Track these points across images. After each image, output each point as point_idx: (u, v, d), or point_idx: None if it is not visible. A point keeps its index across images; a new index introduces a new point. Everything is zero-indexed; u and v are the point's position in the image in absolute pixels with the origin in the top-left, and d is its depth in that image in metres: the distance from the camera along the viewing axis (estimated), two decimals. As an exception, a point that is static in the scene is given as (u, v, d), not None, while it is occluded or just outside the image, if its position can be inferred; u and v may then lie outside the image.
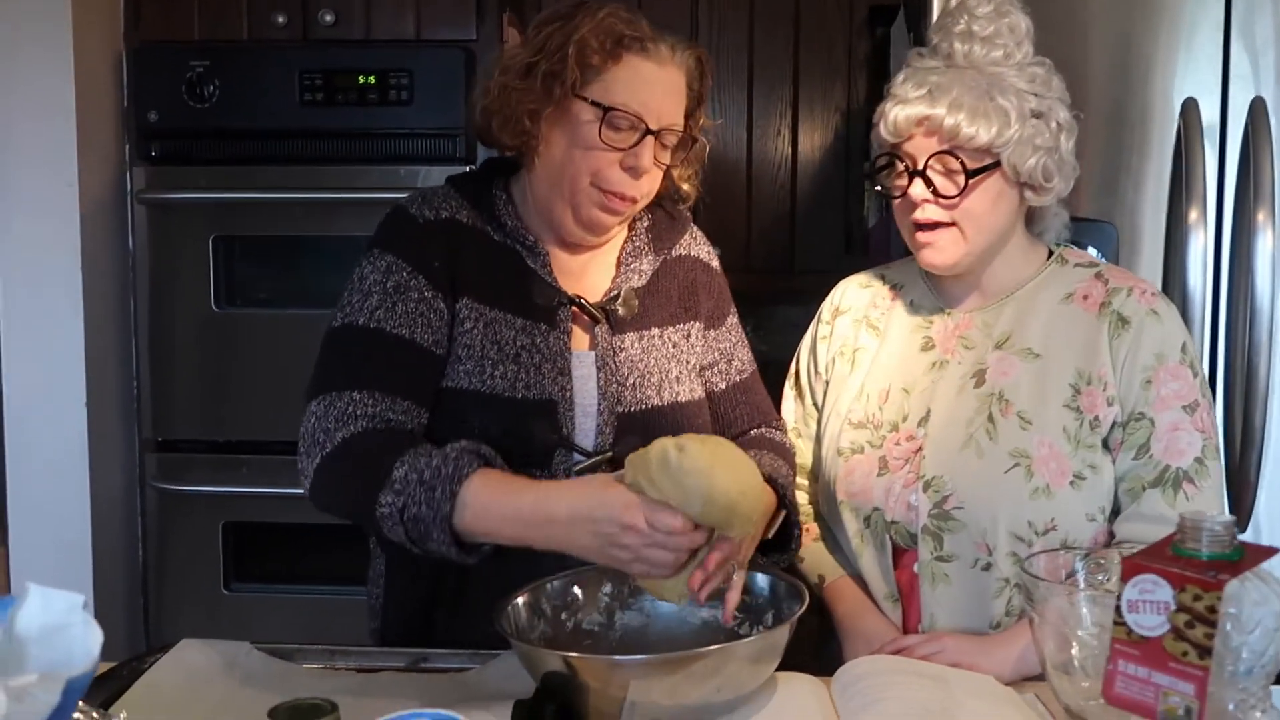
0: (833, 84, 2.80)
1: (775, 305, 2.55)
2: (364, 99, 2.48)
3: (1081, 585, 1.24)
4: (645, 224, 1.57)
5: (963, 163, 1.44)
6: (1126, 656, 0.90)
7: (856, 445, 1.57)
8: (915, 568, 1.51)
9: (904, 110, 1.46)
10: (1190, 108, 2.15)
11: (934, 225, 1.47)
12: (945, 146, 1.44)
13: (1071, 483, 1.44)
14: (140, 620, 2.67)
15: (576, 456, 1.43)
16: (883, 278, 1.68)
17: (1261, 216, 2.12)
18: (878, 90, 2.89)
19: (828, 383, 1.65)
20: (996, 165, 1.45)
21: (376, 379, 1.38)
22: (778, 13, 2.80)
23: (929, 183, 1.45)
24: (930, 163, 1.45)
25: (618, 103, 1.39)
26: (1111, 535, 1.49)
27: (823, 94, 2.81)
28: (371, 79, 2.46)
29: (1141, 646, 0.89)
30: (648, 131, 1.40)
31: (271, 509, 2.58)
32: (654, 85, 1.41)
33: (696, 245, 1.63)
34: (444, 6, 2.51)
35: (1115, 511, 1.49)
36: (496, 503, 1.27)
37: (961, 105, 1.43)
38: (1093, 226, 2.18)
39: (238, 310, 2.60)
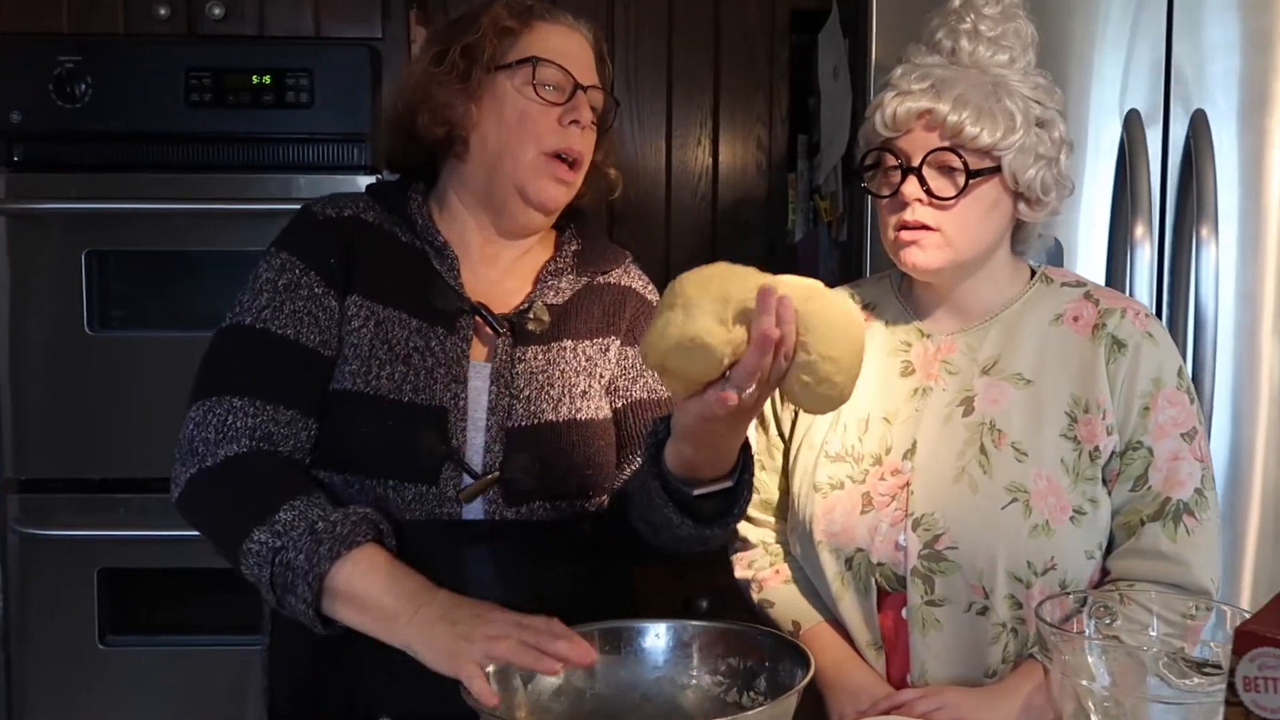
0: (754, 92, 2.71)
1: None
2: (258, 100, 2.29)
3: (1090, 632, 1.15)
4: (574, 247, 1.49)
5: (965, 162, 1.34)
6: (1246, 741, 0.78)
7: (835, 480, 1.45)
8: (903, 613, 1.40)
9: (905, 102, 1.36)
10: (1133, 120, 2.11)
11: (920, 227, 1.37)
12: (946, 143, 1.35)
13: (1072, 518, 1.35)
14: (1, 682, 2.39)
15: (466, 478, 1.33)
16: (852, 296, 1.56)
17: (1205, 231, 2.09)
18: (800, 98, 2.83)
19: (797, 411, 1.52)
20: (997, 170, 1.36)
21: (258, 384, 1.34)
22: (697, 19, 2.69)
23: (923, 181, 1.35)
24: (928, 160, 1.35)
25: (542, 54, 1.39)
26: (1104, 572, 1.40)
27: (744, 102, 2.71)
28: (267, 79, 2.27)
29: (1264, 730, 0.77)
30: (577, 86, 1.40)
31: (153, 554, 2.35)
32: (571, 43, 1.43)
33: (630, 277, 1.55)
34: (346, 2, 2.35)
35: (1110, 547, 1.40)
36: (369, 579, 1.22)
37: (967, 102, 1.34)
38: (1038, 241, 2.12)
39: (114, 333, 2.36)
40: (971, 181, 1.35)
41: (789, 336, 1.07)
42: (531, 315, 1.41)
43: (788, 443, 1.53)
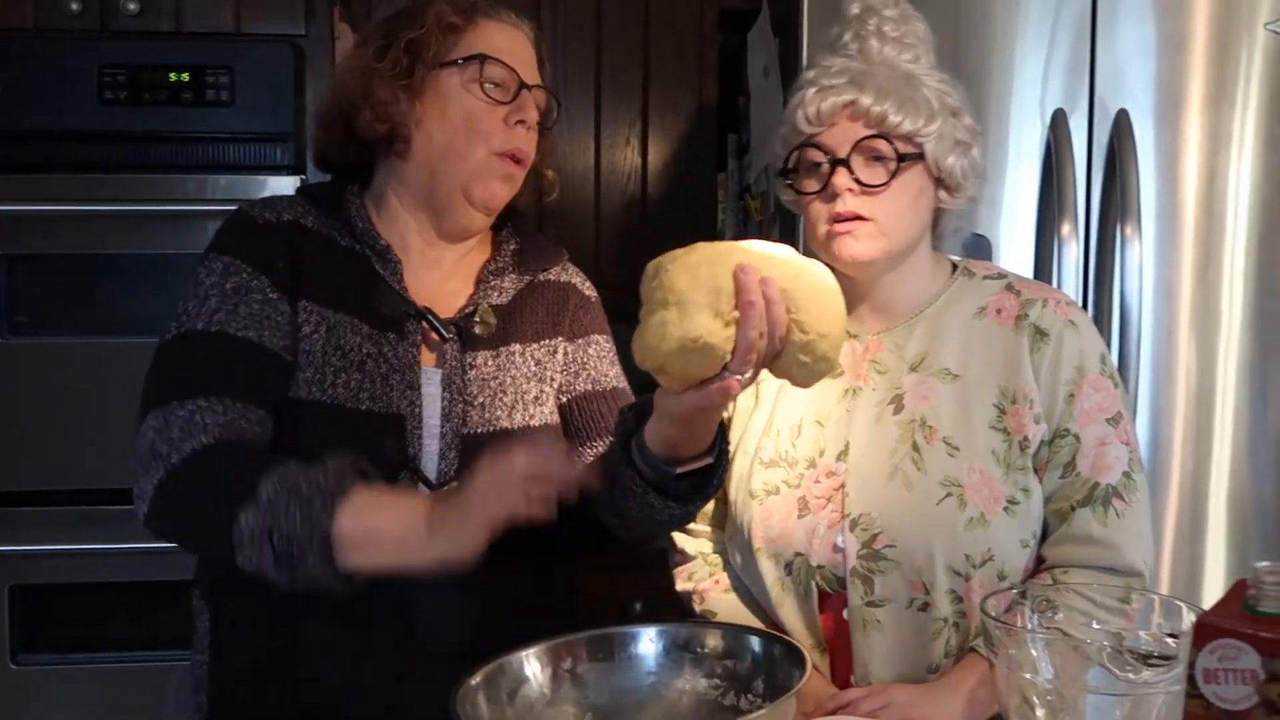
0: (683, 91, 2.70)
1: (626, 322, 2.41)
2: (176, 98, 2.22)
3: (1034, 626, 1.16)
4: (512, 246, 1.47)
5: (895, 148, 1.37)
6: (1207, 734, 0.79)
7: (771, 486, 1.44)
8: (844, 614, 1.40)
9: (828, 97, 1.38)
10: (1059, 119, 2.15)
11: (854, 218, 1.37)
12: (873, 131, 1.37)
13: (1006, 509, 1.37)
14: (-95, 707, 2.30)
15: (421, 487, 1.30)
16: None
17: (1129, 229, 2.13)
18: (730, 97, 2.83)
19: (729, 418, 1.52)
20: (921, 156, 1.39)
21: (223, 384, 1.26)
22: (626, 18, 2.67)
23: (852, 172, 1.37)
24: (855, 150, 1.37)
25: (490, 52, 1.36)
26: (1040, 560, 1.42)
27: (673, 102, 2.70)
28: (185, 76, 2.21)
29: (1225, 722, 0.78)
30: (522, 85, 1.38)
31: (69, 569, 2.28)
32: (514, 42, 1.40)
33: (569, 274, 1.54)
34: (267, -3, 2.28)
35: (1043, 533, 1.42)
36: (380, 509, 1.16)
37: (888, 92, 1.37)
38: (967, 239, 2.15)
39: (28, 340, 2.29)
40: (900, 166, 1.37)
41: (779, 319, 1.07)
42: (478, 318, 1.39)
43: None
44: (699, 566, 1.55)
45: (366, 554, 1.14)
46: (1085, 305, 2.19)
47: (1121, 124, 2.15)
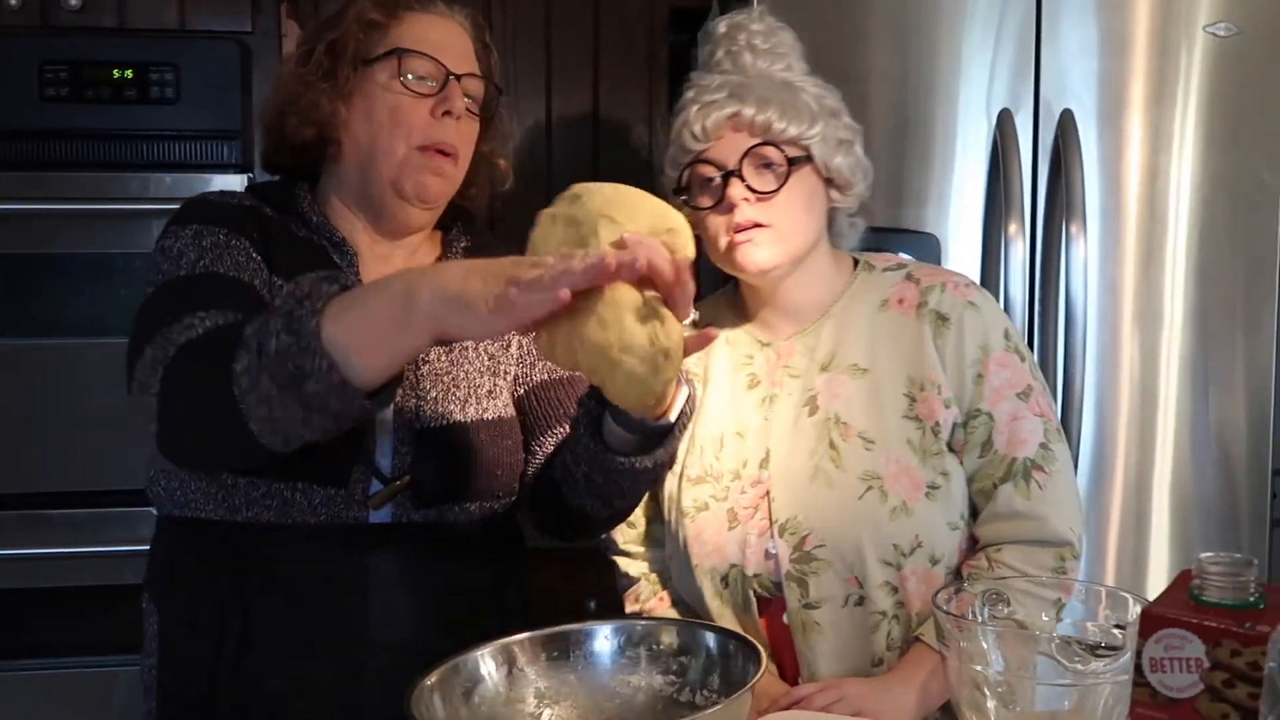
0: (634, 90, 2.69)
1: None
2: (120, 96, 2.18)
3: (984, 618, 1.18)
4: (463, 244, 1.47)
5: (784, 153, 1.39)
6: (1153, 722, 0.80)
7: (700, 502, 1.47)
8: (784, 618, 1.42)
9: (712, 112, 1.40)
10: (1005, 119, 2.18)
11: (752, 226, 1.39)
12: (759, 139, 1.39)
13: (927, 494, 1.39)
14: None
15: (375, 481, 1.28)
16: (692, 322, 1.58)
17: (1074, 228, 2.17)
18: (680, 96, 2.83)
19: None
20: (809, 159, 1.42)
21: (217, 302, 1.20)
22: (575, 17, 2.66)
23: (745, 180, 1.39)
24: (745, 159, 1.39)
25: (409, 46, 1.34)
26: (974, 540, 1.45)
27: (624, 100, 2.69)
28: (129, 73, 2.17)
29: (1170, 710, 0.80)
30: (449, 75, 1.35)
31: (11, 574, 2.22)
32: (443, 32, 1.38)
33: None
34: (213, -6, 2.25)
35: (975, 513, 1.45)
36: (364, 298, 1.07)
37: (769, 100, 1.40)
38: (915, 237, 2.18)
39: (-35, 342, 2.22)
40: (791, 170, 1.39)
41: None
42: None
43: None
44: (643, 587, 1.57)
45: (365, 348, 1.04)
46: (1032, 302, 2.22)
47: (1066, 124, 2.19)
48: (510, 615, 1.34)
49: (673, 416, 1.19)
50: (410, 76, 1.34)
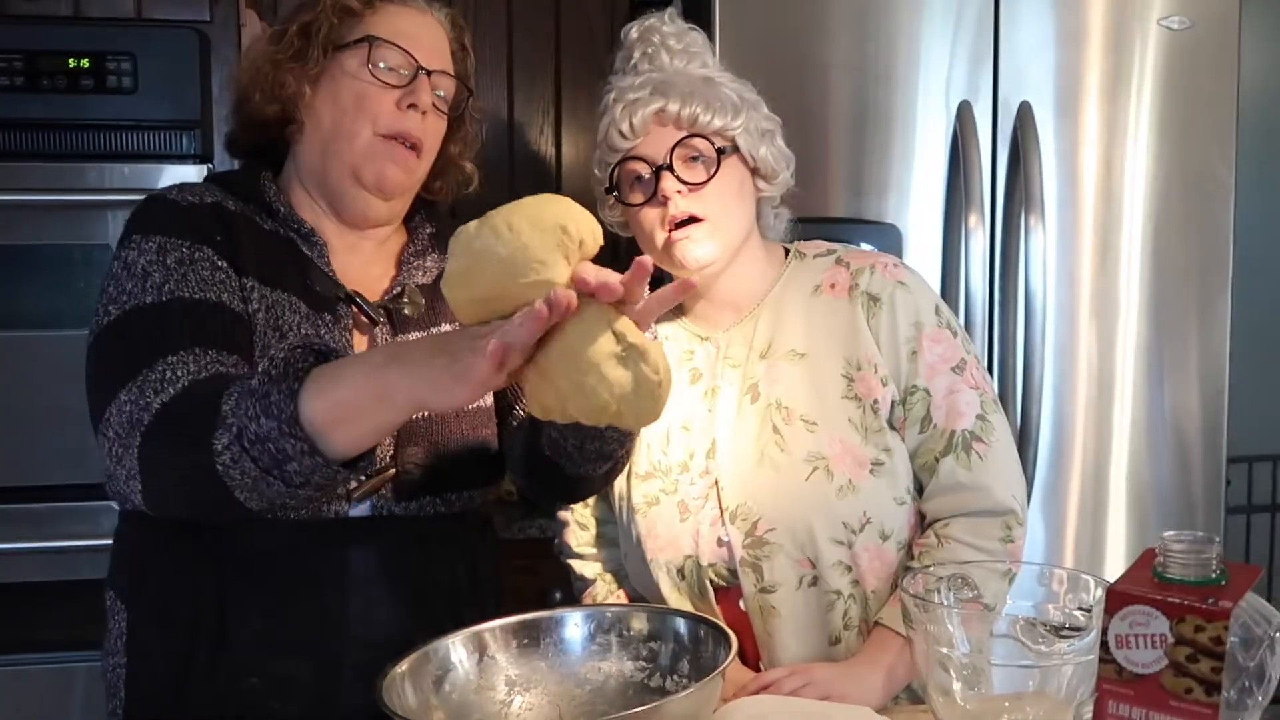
0: (596, 81, 2.66)
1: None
2: (76, 86, 2.13)
3: (950, 601, 1.19)
4: (428, 230, 1.46)
5: (714, 143, 1.41)
6: (1118, 697, 0.82)
7: (650, 497, 1.48)
8: (740, 604, 1.44)
9: (638, 109, 1.41)
10: (964, 111, 2.20)
11: (686, 222, 1.40)
12: (686, 132, 1.40)
13: (871, 471, 1.42)
14: None
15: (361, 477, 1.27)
16: None
17: (1033, 219, 2.20)
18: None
19: None
20: (736, 149, 1.44)
21: (191, 338, 1.18)
22: (537, 7, 2.65)
23: (675, 174, 1.40)
24: (674, 153, 1.40)
25: (383, 35, 1.33)
26: (922, 516, 1.47)
27: (586, 92, 2.68)
28: (85, 62, 2.12)
29: (1136, 685, 0.81)
30: (419, 69, 1.34)
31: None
32: (418, 27, 1.38)
33: None
34: (170, -17, 2.21)
35: (921, 490, 1.47)
36: (339, 373, 1.06)
37: (692, 95, 1.41)
38: (876, 229, 2.20)
39: (-83, 335, 2.17)
40: (721, 158, 1.41)
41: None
42: (406, 299, 1.37)
43: None
44: (600, 588, 1.58)
45: (344, 427, 1.05)
46: (991, 292, 2.25)
47: (1024, 116, 2.21)
48: (486, 607, 1.34)
49: None
50: (380, 65, 1.33)
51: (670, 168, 1.40)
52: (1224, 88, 2.29)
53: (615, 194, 1.45)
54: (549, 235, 0.98)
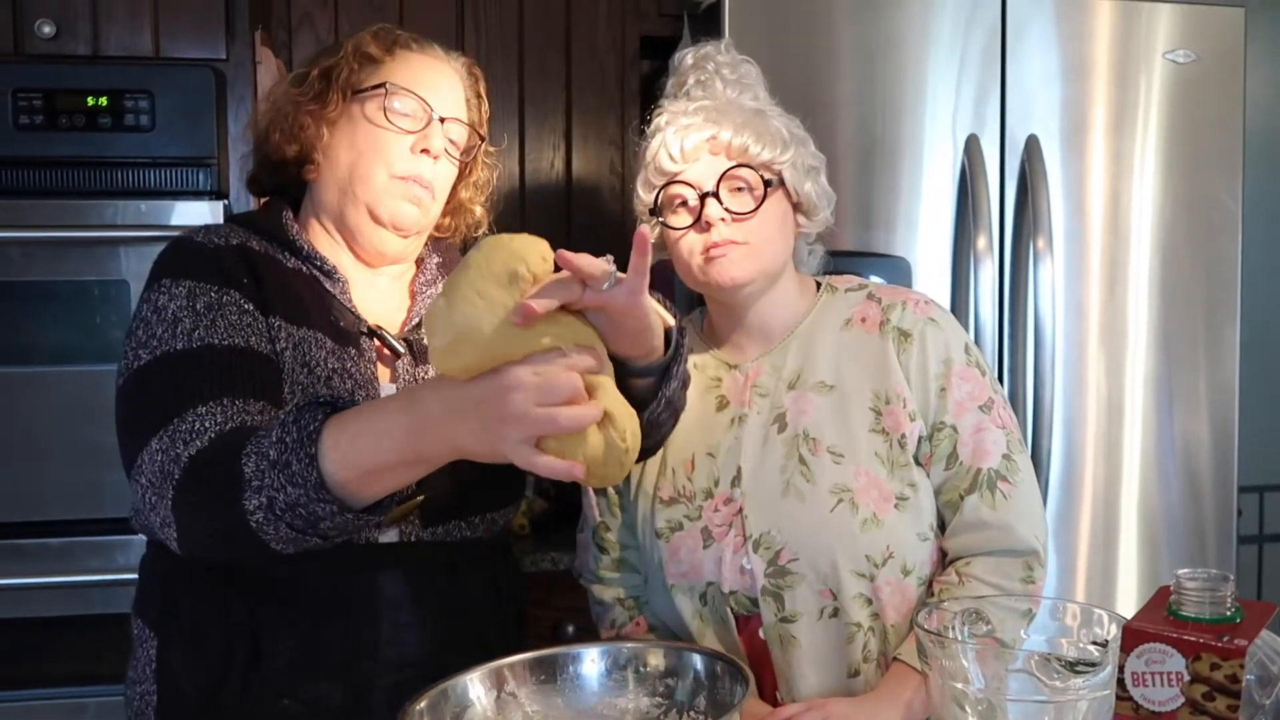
0: (606, 115, 2.72)
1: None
2: (94, 123, 2.16)
3: (964, 637, 1.20)
4: (436, 260, 1.49)
5: (761, 175, 1.42)
6: (1136, 734, 0.82)
7: (674, 522, 1.48)
8: (760, 633, 1.44)
9: (689, 134, 1.42)
10: (973, 144, 2.22)
11: (727, 244, 1.42)
12: (736, 162, 1.42)
13: (896, 505, 1.42)
14: None
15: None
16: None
17: (1041, 251, 2.21)
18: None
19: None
20: (782, 182, 1.45)
21: (220, 388, 1.21)
22: (547, 43, 2.68)
23: (721, 202, 1.41)
24: (722, 181, 1.41)
25: (400, 83, 1.37)
26: (944, 553, 1.47)
27: (596, 125, 2.71)
28: (103, 100, 2.15)
29: (1152, 723, 0.82)
30: (434, 116, 1.38)
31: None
32: (435, 75, 1.41)
33: None
34: (187, 22, 2.24)
35: (943, 528, 1.48)
36: (360, 440, 1.08)
37: (744, 125, 1.43)
38: (886, 261, 2.21)
39: (-63, 370, 2.19)
40: (768, 190, 1.42)
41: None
42: (425, 330, 1.39)
43: (623, 496, 1.56)
44: (619, 613, 1.57)
45: (375, 485, 1.10)
46: (1001, 322, 2.26)
47: (1032, 149, 2.23)
48: (509, 629, 1.36)
49: (667, 353, 1.22)
50: (396, 109, 1.37)
51: (717, 195, 1.41)
52: (1229, 120, 2.31)
53: (659, 216, 1.46)
54: (512, 288, 1.04)
